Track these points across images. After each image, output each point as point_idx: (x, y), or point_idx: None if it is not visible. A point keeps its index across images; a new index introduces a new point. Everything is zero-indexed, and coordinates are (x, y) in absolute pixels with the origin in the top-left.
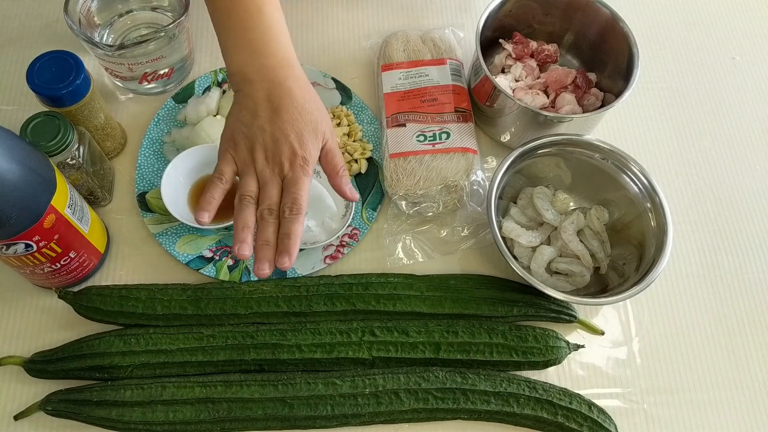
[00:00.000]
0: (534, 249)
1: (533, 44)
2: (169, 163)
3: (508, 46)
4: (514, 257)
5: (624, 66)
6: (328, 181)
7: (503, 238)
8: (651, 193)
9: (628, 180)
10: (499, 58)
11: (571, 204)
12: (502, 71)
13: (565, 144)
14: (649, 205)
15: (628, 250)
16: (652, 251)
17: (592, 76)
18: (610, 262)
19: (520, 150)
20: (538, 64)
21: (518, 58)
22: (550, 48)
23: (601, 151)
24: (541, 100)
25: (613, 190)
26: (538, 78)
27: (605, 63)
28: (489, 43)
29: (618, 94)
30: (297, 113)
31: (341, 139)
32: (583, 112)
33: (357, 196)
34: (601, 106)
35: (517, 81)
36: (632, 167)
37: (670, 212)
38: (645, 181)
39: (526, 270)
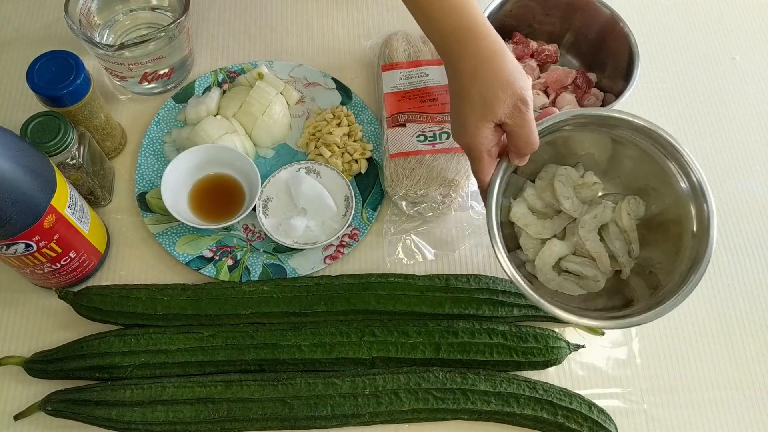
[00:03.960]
0: (543, 241)
1: (533, 44)
2: (169, 163)
3: (509, 46)
4: (519, 247)
5: (624, 66)
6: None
7: (511, 222)
8: (699, 194)
9: (675, 172)
10: None
11: (600, 191)
12: None
13: (603, 122)
14: (693, 208)
15: (659, 255)
16: (684, 263)
17: (592, 76)
18: (635, 266)
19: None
20: (538, 64)
21: (518, 58)
22: (550, 48)
23: (647, 135)
24: (542, 100)
25: (656, 180)
26: (539, 78)
27: (605, 63)
28: None
29: (618, 94)
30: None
31: (341, 139)
32: None
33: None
34: (601, 106)
35: None
36: (684, 157)
37: (716, 222)
38: (695, 179)
39: (527, 270)
